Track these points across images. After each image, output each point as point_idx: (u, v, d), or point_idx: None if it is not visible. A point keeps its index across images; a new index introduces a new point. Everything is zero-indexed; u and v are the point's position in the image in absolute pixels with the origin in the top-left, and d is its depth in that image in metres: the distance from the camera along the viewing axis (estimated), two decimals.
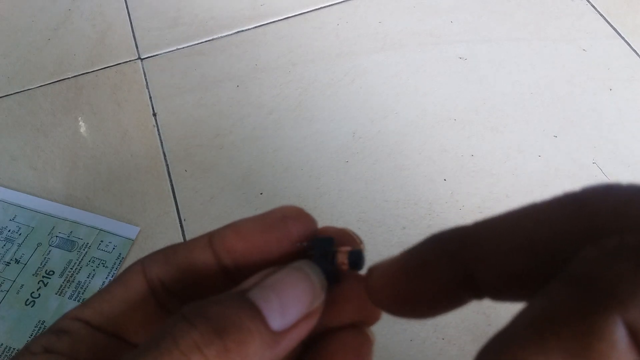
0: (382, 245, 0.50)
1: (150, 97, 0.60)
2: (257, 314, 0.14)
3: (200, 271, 0.17)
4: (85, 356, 0.16)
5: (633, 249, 0.10)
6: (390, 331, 0.46)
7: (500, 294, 0.13)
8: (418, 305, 0.15)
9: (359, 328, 0.18)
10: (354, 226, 0.51)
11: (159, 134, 0.57)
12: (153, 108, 0.59)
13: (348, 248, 0.17)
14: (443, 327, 0.45)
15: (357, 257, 0.17)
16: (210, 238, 0.17)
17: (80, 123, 0.59)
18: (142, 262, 0.17)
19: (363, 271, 0.17)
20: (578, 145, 0.56)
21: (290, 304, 0.15)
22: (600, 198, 0.12)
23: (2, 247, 0.49)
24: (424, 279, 0.14)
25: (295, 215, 0.17)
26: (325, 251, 0.17)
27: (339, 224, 0.51)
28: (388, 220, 0.51)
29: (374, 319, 0.18)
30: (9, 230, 0.50)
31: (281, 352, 0.15)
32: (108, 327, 0.17)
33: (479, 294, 0.14)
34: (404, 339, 0.45)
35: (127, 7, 0.69)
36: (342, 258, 0.17)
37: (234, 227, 0.17)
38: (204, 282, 0.17)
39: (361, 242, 0.18)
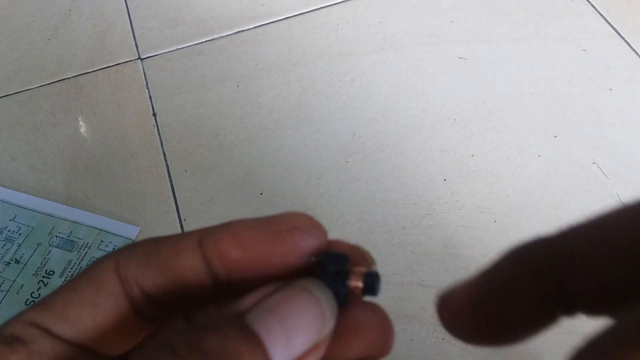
0: (382, 245, 0.50)
1: (150, 97, 0.60)
2: (259, 347, 0.12)
3: (187, 277, 0.14)
4: None
5: None
6: None
7: (597, 308, 0.12)
8: (504, 331, 0.13)
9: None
10: (354, 226, 0.51)
11: (159, 134, 0.57)
12: (153, 108, 0.59)
13: (363, 269, 0.15)
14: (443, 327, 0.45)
15: (373, 281, 0.15)
16: (201, 239, 0.14)
17: (80, 123, 0.59)
18: (116, 259, 0.15)
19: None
20: (578, 145, 0.56)
21: (295, 333, 0.13)
22: None
23: (2, 247, 0.49)
24: (510, 301, 0.12)
25: (306, 226, 0.14)
26: (338, 270, 0.14)
27: (339, 224, 0.51)
28: (388, 220, 0.51)
29: (385, 353, 0.15)
30: (9, 230, 0.50)
31: None
32: (74, 337, 0.14)
33: (571, 311, 0.12)
34: (404, 339, 0.45)
35: (127, 7, 0.69)
36: (356, 280, 0.15)
37: (230, 231, 0.14)
38: (190, 290, 0.15)
39: (374, 262, 0.16)
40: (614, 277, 0.11)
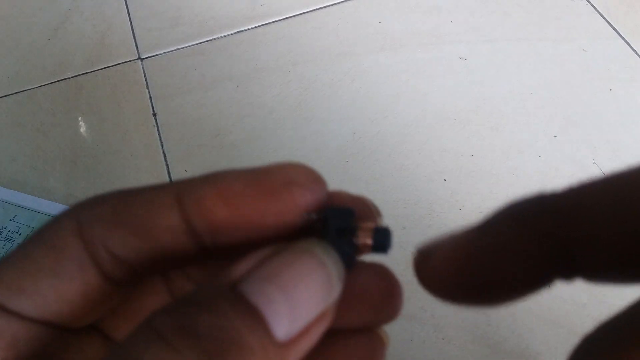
0: None
1: (150, 97, 0.60)
2: (259, 323, 0.10)
3: (164, 239, 0.12)
4: (3, 356, 0.12)
5: None
6: (390, 331, 0.45)
7: (599, 275, 0.10)
8: (491, 291, 0.11)
9: (372, 330, 0.14)
10: None
11: (159, 134, 0.57)
12: (153, 108, 0.59)
13: (371, 224, 0.13)
14: (443, 327, 0.45)
15: (384, 237, 0.13)
16: (179, 194, 0.12)
17: (80, 123, 0.59)
18: (78, 219, 0.12)
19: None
20: (578, 146, 0.56)
21: (300, 304, 0.11)
22: None
23: (2, 247, 0.49)
24: (503, 260, 0.11)
25: (305, 180, 0.12)
26: (344, 227, 0.13)
27: None
28: (388, 220, 0.51)
29: (392, 318, 0.14)
30: (9, 230, 0.50)
31: None
32: (34, 313, 0.12)
33: (571, 274, 0.11)
34: (404, 339, 0.45)
35: (127, 7, 0.69)
36: (364, 237, 0.13)
37: (215, 186, 0.12)
38: (168, 253, 0.12)
39: (380, 215, 0.14)
40: (625, 242, 0.09)
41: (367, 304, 0.13)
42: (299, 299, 0.11)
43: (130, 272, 0.13)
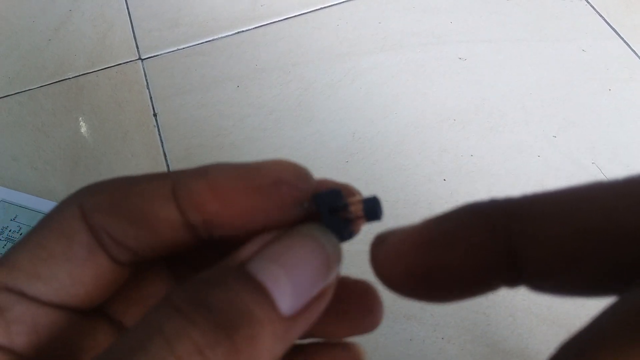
0: None
1: (151, 98, 0.60)
2: (266, 298, 0.11)
3: (161, 227, 0.13)
4: (25, 342, 0.12)
5: None
6: (390, 331, 0.46)
7: (545, 283, 0.11)
8: (440, 285, 0.12)
9: (350, 344, 0.15)
10: None
11: (160, 134, 0.58)
12: (153, 108, 0.60)
13: (359, 197, 0.14)
14: (443, 327, 0.46)
15: (374, 204, 0.14)
16: (174, 187, 0.13)
17: (81, 123, 0.59)
18: (81, 205, 0.13)
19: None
20: (577, 146, 0.56)
21: (303, 283, 0.12)
22: None
23: (3, 247, 0.49)
24: (456, 253, 0.11)
25: (293, 178, 0.13)
26: (335, 206, 0.14)
27: None
28: (388, 220, 0.51)
29: (369, 331, 0.15)
30: (10, 230, 0.50)
31: (290, 343, 0.12)
32: (52, 298, 0.12)
33: (515, 280, 0.11)
34: (404, 339, 0.45)
35: (127, 8, 0.69)
36: (356, 210, 0.14)
37: (208, 180, 0.13)
38: (165, 239, 0.13)
39: (361, 195, 0.15)
40: (569, 254, 0.10)
41: (349, 318, 0.14)
42: (300, 277, 0.12)
43: (133, 255, 0.14)
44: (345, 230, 0.14)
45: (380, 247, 0.13)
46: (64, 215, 0.13)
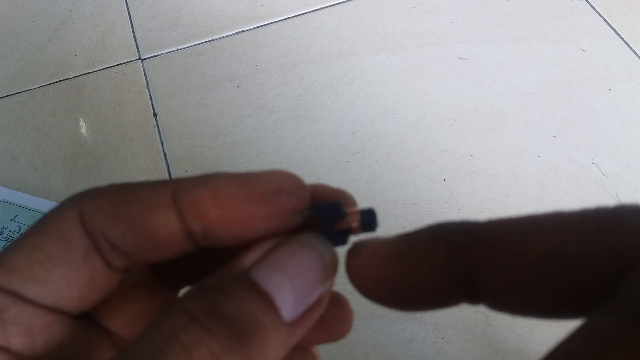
0: None
1: (151, 97, 0.60)
2: (271, 306, 0.12)
3: (160, 233, 0.13)
4: (21, 343, 0.12)
5: None
6: (390, 331, 0.46)
7: (500, 303, 0.12)
8: (405, 296, 0.13)
9: (306, 348, 0.16)
10: None
11: (160, 134, 0.58)
12: (153, 108, 0.60)
13: (357, 208, 0.15)
14: (442, 327, 0.46)
15: (370, 217, 0.15)
16: (175, 193, 0.13)
17: (81, 123, 0.59)
18: (79, 209, 0.13)
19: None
20: (577, 146, 0.56)
21: (304, 290, 0.12)
22: None
23: (3, 248, 0.49)
24: (420, 268, 0.12)
25: (292, 188, 0.14)
26: (334, 217, 0.14)
27: None
28: (388, 220, 0.51)
29: (338, 339, 0.16)
30: (10, 230, 0.50)
31: (289, 347, 0.12)
32: (48, 301, 0.12)
33: (475, 298, 0.12)
34: (404, 339, 0.45)
35: (127, 8, 0.69)
36: (353, 221, 0.15)
37: (209, 188, 0.13)
38: (163, 245, 0.13)
39: (355, 204, 0.16)
40: (523, 280, 0.11)
41: (322, 327, 0.15)
42: (301, 285, 0.12)
43: (128, 261, 0.14)
44: (340, 239, 0.14)
45: (355, 256, 0.14)
46: (62, 218, 0.13)
